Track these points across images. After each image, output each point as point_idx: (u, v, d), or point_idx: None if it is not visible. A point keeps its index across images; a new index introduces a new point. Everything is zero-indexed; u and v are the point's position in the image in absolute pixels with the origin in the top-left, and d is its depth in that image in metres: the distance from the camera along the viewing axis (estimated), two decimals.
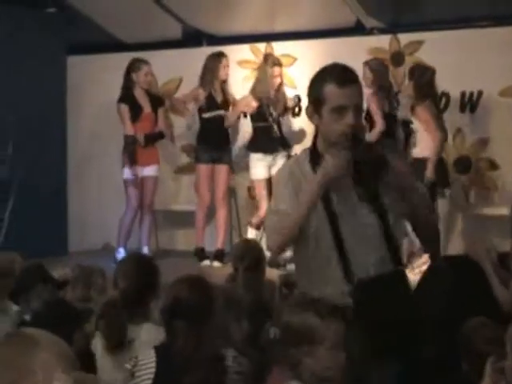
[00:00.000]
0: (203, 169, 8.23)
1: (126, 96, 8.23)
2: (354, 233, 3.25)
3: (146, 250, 8.28)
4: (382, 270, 3.24)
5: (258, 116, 8.07)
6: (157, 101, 8.43)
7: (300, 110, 8.50)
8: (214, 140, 8.17)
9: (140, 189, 8.29)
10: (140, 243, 8.41)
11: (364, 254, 3.25)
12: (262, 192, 7.98)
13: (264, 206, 7.83)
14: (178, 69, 8.65)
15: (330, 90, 3.24)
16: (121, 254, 8.14)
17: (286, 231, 3.31)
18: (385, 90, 7.76)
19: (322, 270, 3.29)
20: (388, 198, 3.30)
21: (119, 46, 9.32)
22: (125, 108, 8.19)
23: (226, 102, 8.28)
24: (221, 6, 8.50)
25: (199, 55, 8.47)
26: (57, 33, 9.21)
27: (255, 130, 8.13)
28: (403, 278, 3.26)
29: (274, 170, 7.92)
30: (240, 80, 8.72)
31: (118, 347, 3.60)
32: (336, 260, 3.23)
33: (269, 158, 8.01)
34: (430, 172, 7.32)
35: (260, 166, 8.00)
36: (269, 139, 8.01)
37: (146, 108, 8.28)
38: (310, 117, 3.38)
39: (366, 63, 7.73)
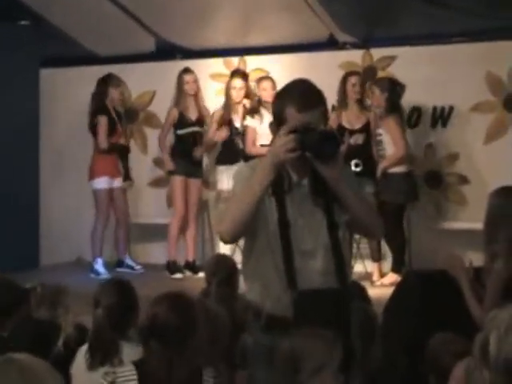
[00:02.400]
0: (178, 181, 8.25)
1: (104, 108, 8.29)
2: (303, 243, 3.25)
3: (128, 260, 8.42)
4: (327, 285, 3.23)
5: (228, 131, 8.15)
6: (121, 117, 8.52)
7: None
8: (187, 155, 8.20)
9: (108, 201, 8.34)
10: (119, 254, 8.48)
11: (311, 266, 3.25)
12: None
13: None
14: (151, 82, 8.66)
15: (290, 113, 3.21)
16: (98, 263, 8.19)
17: (238, 216, 3.23)
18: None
19: (268, 276, 3.28)
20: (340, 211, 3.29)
21: (92, 59, 9.29)
22: (105, 121, 8.25)
23: (201, 118, 8.32)
24: (194, 19, 8.51)
25: (173, 68, 8.51)
26: (30, 45, 9.18)
27: (225, 144, 8.18)
28: (345, 294, 3.24)
29: None
30: (213, 93, 8.75)
31: (103, 364, 3.57)
32: (282, 271, 3.22)
33: (230, 169, 7.99)
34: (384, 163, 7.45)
35: (225, 178, 8.03)
36: (232, 152, 8.08)
37: (119, 124, 8.39)
38: (272, 133, 3.37)
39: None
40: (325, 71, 7.96)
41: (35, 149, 9.53)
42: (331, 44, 8.64)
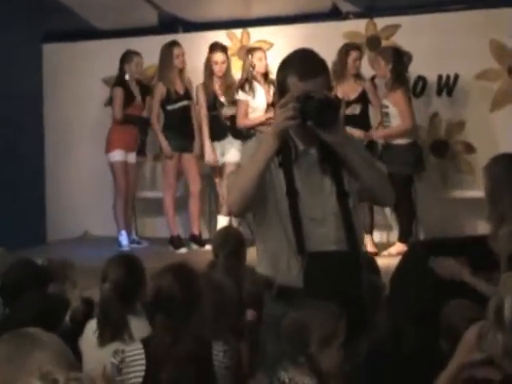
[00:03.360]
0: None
1: (121, 81, 8.30)
2: (312, 211, 3.25)
3: (134, 235, 8.42)
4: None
5: (209, 105, 8.11)
6: (146, 90, 8.44)
7: None
8: (179, 130, 8.14)
9: (124, 174, 8.34)
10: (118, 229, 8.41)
11: (321, 233, 3.25)
12: (216, 178, 8.23)
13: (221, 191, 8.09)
14: (154, 55, 8.58)
15: (292, 82, 3.22)
16: (123, 236, 8.24)
17: (244, 187, 3.23)
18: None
19: (278, 247, 3.30)
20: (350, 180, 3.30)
21: (95, 34, 9.26)
22: (120, 92, 8.24)
23: (188, 91, 8.25)
24: None
25: None
26: (32, 20, 9.14)
27: (211, 119, 8.13)
28: (355, 257, 3.26)
29: (227, 158, 8.05)
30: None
31: (113, 339, 3.57)
32: (291, 237, 3.23)
33: (219, 145, 8.08)
34: (378, 134, 7.48)
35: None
36: (218, 127, 8.08)
37: (138, 97, 8.35)
38: (276, 103, 3.37)
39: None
40: (328, 41, 7.88)
41: (40, 124, 9.52)
42: (334, 14, 8.59)
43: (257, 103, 7.95)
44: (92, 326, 3.71)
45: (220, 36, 8.86)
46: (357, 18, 8.57)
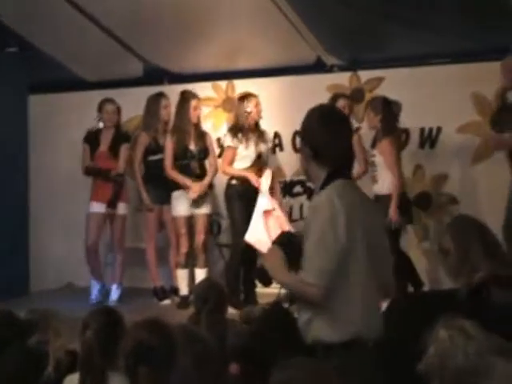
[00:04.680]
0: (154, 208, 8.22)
1: (90, 135, 8.31)
2: None
3: (114, 288, 8.27)
4: None
5: (179, 154, 7.94)
6: (120, 138, 8.36)
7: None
8: (159, 182, 8.07)
9: (101, 225, 8.26)
10: (110, 281, 8.36)
11: None
12: (181, 230, 7.97)
13: (184, 242, 7.92)
14: (140, 106, 8.64)
15: None
16: (96, 289, 8.19)
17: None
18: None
19: None
20: None
21: (81, 85, 9.32)
22: (86, 147, 8.28)
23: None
24: (182, 44, 8.53)
25: None
26: (18, 72, 9.20)
27: (176, 168, 7.96)
28: None
29: (196, 209, 7.94)
30: (202, 118, 8.75)
31: None
32: None
33: (186, 195, 7.92)
34: (393, 211, 7.23)
35: (179, 204, 7.96)
36: (188, 176, 7.92)
37: (103, 146, 8.26)
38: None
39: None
40: (313, 94, 7.97)
41: (25, 176, 9.53)
42: (318, 67, 8.67)
43: (248, 152, 7.77)
44: (71, 379, 3.67)
45: (205, 88, 8.95)
46: (341, 70, 8.66)
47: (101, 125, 8.34)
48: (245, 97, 7.96)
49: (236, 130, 7.82)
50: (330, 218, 3.43)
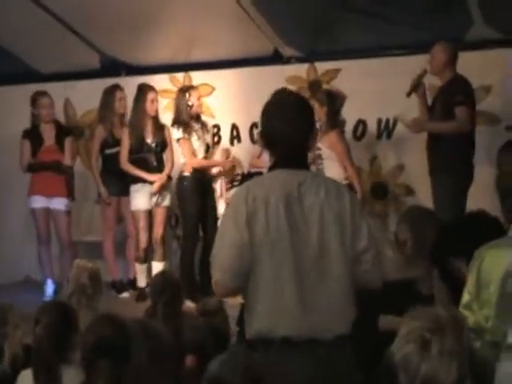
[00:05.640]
0: (111, 200, 8.20)
1: (29, 131, 8.19)
2: None
3: (48, 283, 8.15)
4: None
5: (136, 147, 7.90)
6: (64, 131, 8.31)
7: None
8: (116, 174, 8.04)
9: (46, 220, 8.18)
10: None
11: None
12: (139, 224, 7.92)
13: (143, 237, 7.88)
14: (96, 99, 8.58)
15: None
16: (49, 285, 8.09)
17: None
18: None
19: None
20: None
21: (36, 77, 9.22)
22: (25, 143, 8.16)
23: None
24: (139, 36, 8.49)
25: None
26: None
27: (133, 161, 7.91)
28: None
29: (154, 202, 7.91)
30: (160, 109, 8.71)
31: None
32: None
33: (147, 188, 7.89)
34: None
35: (138, 197, 7.90)
36: (145, 170, 7.88)
37: (48, 140, 8.16)
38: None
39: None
40: (270, 85, 7.86)
41: None
42: (276, 58, 8.67)
43: (196, 145, 7.80)
44: (25, 375, 3.65)
45: (162, 80, 8.92)
46: (298, 62, 8.66)
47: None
48: (186, 89, 7.94)
49: (179, 122, 7.78)
50: (233, 211, 3.32)
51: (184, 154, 7.79)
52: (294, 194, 3.32)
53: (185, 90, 7.93)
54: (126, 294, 8.03)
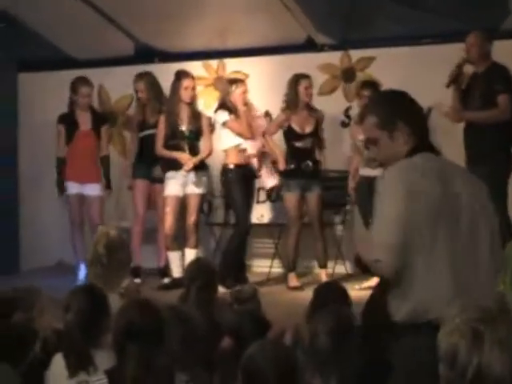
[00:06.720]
0: (140, 185, 8.21)
1: (65, 116, 8.24)
2: None
3: (80, 267, 8.12)
4: None
5: (169, 134, 7.88)
6: (100, 119, 8.36)
7: None
8: (150, 158, 8.08)
9: (79, 206, 8.24)
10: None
11: None
12: (167, 208, 7.90)
13: (168, 222, 7.86)
14: (130, 86, 8.62)
15: None
16: (81, 270, 8.04)
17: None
18: None
19: None
20: None
21: (71, 63, 9.27)
22: (61, 129, 8.22)
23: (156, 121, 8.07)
24: (173, 22, 8.50)
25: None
26: (7, 49, 9.13)
27: (167, 148, 7.90)
28: None
29: (189, 189, 7.90)
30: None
31: (78, 371, 3.53)
32: None
33: (180, 175, 7.88)
34: None
35: (171, 184, 7.89)
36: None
37: (84, 126, 8.21)
38: None
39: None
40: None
41: (14, 154, 9.50)
42: (309, 46, 8.67)
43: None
44: (59, 358, 3.67)
45: (196, 66, 8.92)
46: (332, 50, 8.64)
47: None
48: (234, 81, 7.95)
49: (225, 107, 7.79)
50: (394, 191, 3.27)
51: (239, 131, 7.76)
52: (443, 177, 3.33)
53: (233, 81, 7.95)
54: (137, 280, 7.96)
